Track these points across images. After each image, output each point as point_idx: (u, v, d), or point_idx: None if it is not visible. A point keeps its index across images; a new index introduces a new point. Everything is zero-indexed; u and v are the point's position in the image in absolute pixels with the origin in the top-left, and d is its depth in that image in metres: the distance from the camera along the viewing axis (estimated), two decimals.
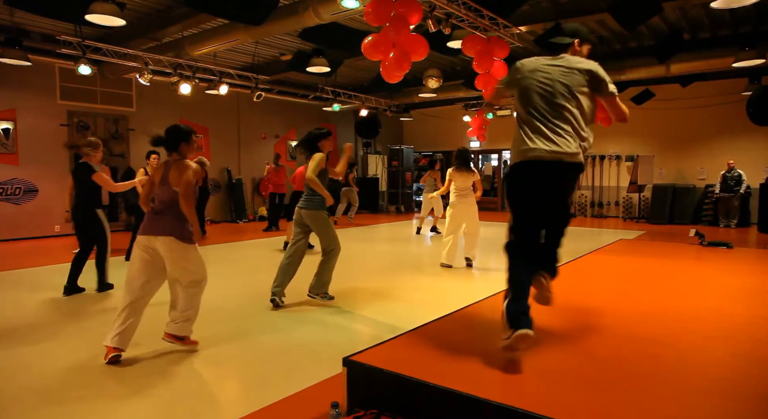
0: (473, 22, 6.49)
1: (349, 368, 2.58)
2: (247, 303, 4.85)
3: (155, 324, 3.70)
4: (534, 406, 2.12)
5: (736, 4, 5.60)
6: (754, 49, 8.16)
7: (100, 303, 4.82)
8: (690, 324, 3.61)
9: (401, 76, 5.35)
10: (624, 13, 6.14)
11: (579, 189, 14.24)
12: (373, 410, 2.40)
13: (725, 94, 11.13)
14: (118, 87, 10.39)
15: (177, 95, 9.53)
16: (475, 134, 13.14)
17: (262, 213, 12.95)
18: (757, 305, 4.19)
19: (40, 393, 2.87)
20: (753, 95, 9.44)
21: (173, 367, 3.29)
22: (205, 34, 7.96)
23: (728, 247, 7.60)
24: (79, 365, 3.28)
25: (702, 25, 8.73)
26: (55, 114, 9.53)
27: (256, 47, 9.51)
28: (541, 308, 3.25)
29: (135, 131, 10.62)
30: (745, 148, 11.52)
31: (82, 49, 7.98)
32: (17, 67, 8.25)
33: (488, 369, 2.66)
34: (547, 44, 3.11)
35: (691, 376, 2.62)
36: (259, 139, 13.32)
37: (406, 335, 3.21)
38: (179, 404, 2.81)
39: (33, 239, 9.19)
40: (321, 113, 14.54)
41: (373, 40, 5.21)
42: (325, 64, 8.89)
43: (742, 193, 10.99)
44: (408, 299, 5.04)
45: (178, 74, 9.08)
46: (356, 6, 5.74)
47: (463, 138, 15.45)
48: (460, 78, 11.32)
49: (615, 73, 10.06)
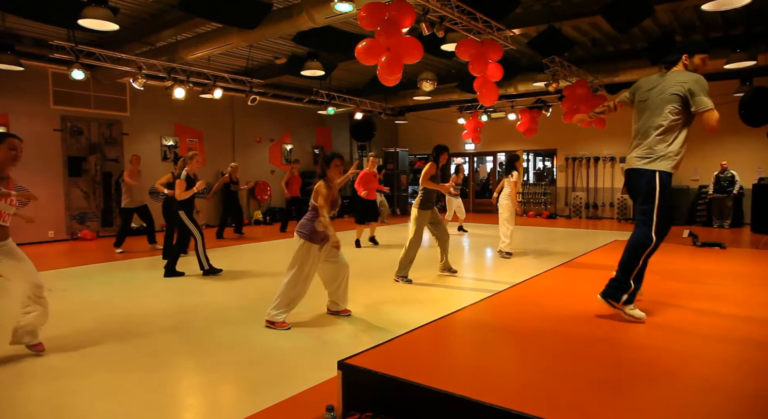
0: (467, 25, 6.51)
1: (344, 371, 2.58)
2: (245, 306, 4.84)
3: (153, 322, 3.68)
4: (529, 408, 2.12)
5: (727, 6, 5.65)
6: (746, 50, 8.21)
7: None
8: (683, 324, 3.62)
9: (397, 79, 5.36)
10: (617, 16, 6.19)
11: (574, 191, 14.30)
12: (368, 413, 2.40)
13: (717, 96, 11.16)
14: (112, 92, 10.35)
15: (171, 99, 9.51)
16: (469, 137, 13.19)
17: (257, 217, 12.93)
18: (749, 306, 4.22)
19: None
20: (745, 97, 9.50)
21: (168, 370, 3.27)
22: (199, 38, 7.95)
23: (721, 247, 7.65)
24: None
25: (694, 27, 8.79)
26: (49, 119, 9.48)
27: (251, 51, 9.51)
28: (533, 311, 3.25)
29: (129, 136, 10.58)
30: (737, 149, 11.59)
31: (76, 54, 7.96)
32: (10, 73, 8.22)
33: (483, 372, 2.66)
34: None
35: (684, 376, 2.63)
36: (254, 143, 13.30)
37: (401, 338, 3.21)
38: (174, 407, 2.79)
39: (27, 244, 9.12)
40: (316, 117, 14.54)
41: (367, 45, 5.23)
42: (320, 67, 8.90)
43: (735, 194, 11.06)
44: (404, 302, 5.04)
45: (172, 78, 9.06)
46: (350, 10, 5.75)
47: (458, 141, 15.50)
48: (454, 81, 11.35)
49: (608, 75, 10.13)
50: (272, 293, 5.28)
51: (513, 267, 6.71)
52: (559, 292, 4.89)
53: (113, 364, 3.38)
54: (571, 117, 9.95)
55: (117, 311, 4.71)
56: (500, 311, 4.20)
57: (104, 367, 3.33)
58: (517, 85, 11.02)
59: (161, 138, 11.29)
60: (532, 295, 4.74)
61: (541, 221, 13.31)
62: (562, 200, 14.63)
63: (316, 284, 4.86)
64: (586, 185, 14.10)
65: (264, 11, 6.48)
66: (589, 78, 10.04)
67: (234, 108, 12.61)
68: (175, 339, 3.90)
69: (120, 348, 3.70)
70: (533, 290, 4.92)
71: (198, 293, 5.46)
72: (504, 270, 6.59)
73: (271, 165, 13.72)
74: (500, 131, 14.92)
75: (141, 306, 4.88)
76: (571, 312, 3.92)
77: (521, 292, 4.84)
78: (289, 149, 14.21)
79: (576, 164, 14.26)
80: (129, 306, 4.91)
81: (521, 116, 12.07)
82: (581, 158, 14.14)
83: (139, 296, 5.36)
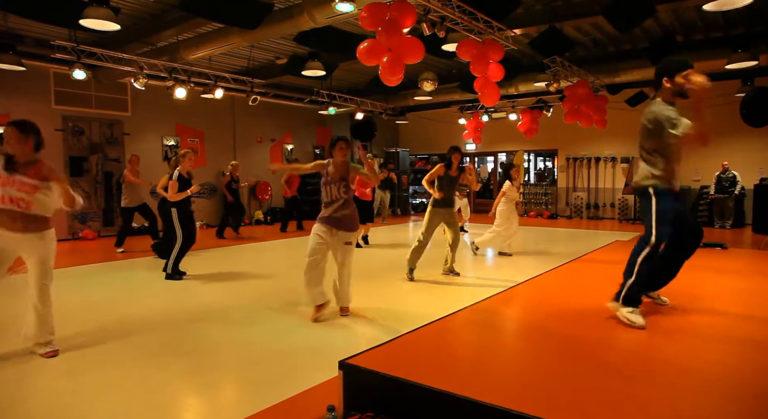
0: (468, 26, 6.51)
1: (345, 371, 2.58)
2: (246, 306, 4.84)
3: (155, 323, 3.68)
4: (530, 408, 2.12)
5: (728, 6, 5.64)
6: (747, 50, 8.20)
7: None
8: (685, 324, 3.62)
9: (398, 80, 5.36)
10: (618, 16, 6.18)
11: (575, 191, 14.29)
12: (370, 413, 2.40)
13: (718, 96, 11.20)
14: (113, 92, 10.36)
15: (172, 99, 9.51)
16: (470, 137, 13.19)
17: (258, 217, 12.94)
18: (750, 306, 4.21)
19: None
20: (746, 97, 9.48)
21: (168, 370, 3.27)
22: (200, 38, 7.95)
23: (723, 248, 7.64)
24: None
25: (695, 27, 8.79)
26: (50, 119, 9.49)
27: (252, 51, 9.51)
28: (534, 311, 3.25)
29: (130, 136, 10.59)
30: (739, 149, 11.58)
31: (77, 54, 7.97)
32: (11, 73, 8.23)
33: (485, 372, 2.66)
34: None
35: (685, 376, 2.63)
36: (255, 143, 13.31)
37: (403, 338, 3.21)
38: (174, 407, 2.80)
39: None
40: (317, 117, 14.54)
41: (368, 46, 5.23)
42: (321, 67, 8.90)
43: (736, 194, 11.05)
44: (404, 302, 5.04)
45: (173, 78, 9.07)
46: (351, 10, 5.75)
47: (459, 141, 15.48)
48: (455, 81, 11.34)
49: (609, 75, 10.12)
50: (272, 294, 5.32)
51: (514, 267, 6.71)
52: (560, 292, 4.88)
53: (113, 364, 3.39)
54: (572, 118, 9.97)
55: (117, 311, 4.72)
56: (501, 311, 4.20)
57: (104, 367, 3.33)
58: (518, 86, 11.01)
59: (162, 138, 11.30)
60: (532, 295, 4.74)
61: (541, 222, 13.31)
62: (563, 201, 14.62)
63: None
64: (587, 185, 14.09)
65: (265, 11, 6.48)
66: (590, 78, 10.03)
67: (235, 108, 12.62)
68: (176, 339, 3.90)
69: (120, 347, 3.71)
70: (534, 291, 4.92)
71: (198, 293, 5.46)
72: (505, 270, 6.59)
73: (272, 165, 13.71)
74: (501, 131, 14.91)
75: (141, 306, 4.88)
76: (572, 312, 3.92)
77: (522, 292, 4.84)
78: (290, 149, 14.21)
79: (577, 164, 14.25)
80: (129, 306, 4.92)
81: (522, 116, 12.06)
82: (582, 159, 14.13)
83: (140, 295, 5.37)
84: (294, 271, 6.64)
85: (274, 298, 5.14)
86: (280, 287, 5.69)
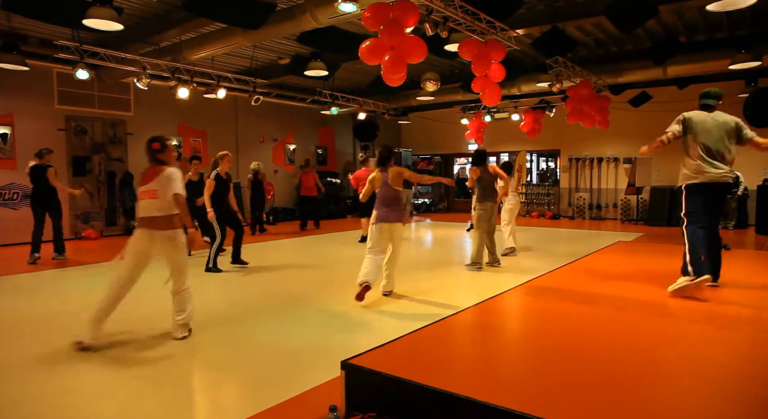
0: (470, 26, 6.51)
1: (347, 371, 2.58)
2: (248, 306, 4.84)
3: (154, 325, 3.68)
4: (531, 408, 2.12)
5: (731, 7, 5.63)
6: (750, 51, 8.19)
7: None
8: (687, 325, 3.61)
9: (401, 79, 5.35)
10: (621, 16, 6.17)
11: (577, 191, 14.27)
12: (372, 413, 2.40)
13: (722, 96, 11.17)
14: (116, 91, 10.38)
15: (175, 99, 9.53)
16: (473, 137, 13.18)
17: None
18: (754, 306, 4.20)
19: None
20: (750, 97, 9.47)
21: (172, 369, 3.28)
22: (202, 39, 7.96)
23: (726, 248, 7.60)
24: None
25: (698, 27, 8.76)
26: (53, 119, 9.52)
27: (254, 51, 9.52)
28: (534, 311, 3.24)
29: (133, 136, 10.61)
30: (742, 150, 11.36)
31: (80, 54, 7.99)
32: (15, 72, 8.24)
33: (486, 372, 2.66)
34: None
35: (685, 378, 2.62)
36: (258, 143, 13.32)
37: (405, 338, 3.21)
38: (178, 406, 2.80)
39: (29, 244, 9.15)
40: (319, 117, 14.55)
41: (370, 44, 5.22)
42: (323, 67, 8.90)
43: (739, 195, 11.01)
44: (406, 302, 5.04)
45: (176, 78, 9.08)
46: (354, 10, 5.75)
47: (461, 141, 15.48)
48: (457, 81, 11.34)
49: (612, 75, 10.11)
50: (275, 295, 5.32)
51: (515, 268, 6.70)
52: (561, 293, 4.88)
53: (115, 363, 3.39)
54: (574, 118, 9.96)
55: (120, 311, 4.71)
56: (502, 311, 4.20)
57: (106, 366, 3.34)
58: (521, 86, 11.00)
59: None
60: (533, 296, 4.73)
61: (544, 222, 13.29)
62: (566, 201, 14.60)
63: (318, 285, 4.88)
64: (590, 185, 14.07)
65: (268, 11, 6.48)
66: (593, 78, 10.02)
67: (237, 108, 12.63)
68: (180, 340, 3.90)
69: (122, 347, 3.71)
70: (535, 291, 4.91)
71: (199, 293, 5.45)
72: (505, 270, 6.58)
73: (274, 165, 13.74)
74: (504, 132, 14.89)
75: (143, 306, 4.89)
76: (573, 313, 3.91)
77: (523, 293, 4.83)
78: (292, 149, 14.22)
79: (579, 164, 14.22)
80: (132, 306, 4.91)
81: (525, 116, 12.04)
82: (585, 159, 14.10)
83: (142, 295, 5.36)
84: (299, 271, 6.65)
85: (277, 298, 5.15)
86: (283, 288, 5.69)
